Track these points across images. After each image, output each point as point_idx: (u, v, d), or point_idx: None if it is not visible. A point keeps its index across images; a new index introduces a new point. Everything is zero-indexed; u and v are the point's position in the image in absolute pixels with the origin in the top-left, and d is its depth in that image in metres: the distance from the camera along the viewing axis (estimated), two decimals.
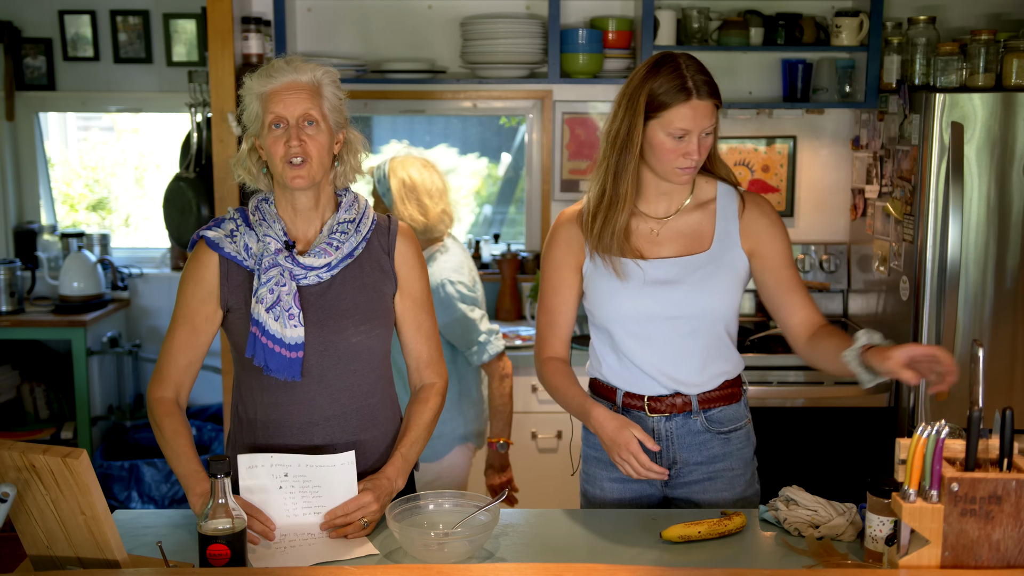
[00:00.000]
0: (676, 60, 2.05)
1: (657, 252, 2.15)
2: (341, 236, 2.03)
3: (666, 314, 2.13)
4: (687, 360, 2.15)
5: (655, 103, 2.04)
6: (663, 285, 2.12)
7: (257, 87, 1.98)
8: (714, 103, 2.04)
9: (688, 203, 2.17)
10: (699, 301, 2.12)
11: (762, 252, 2.17)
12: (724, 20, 3.79)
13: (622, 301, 2.14)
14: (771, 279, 2.17)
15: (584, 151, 4.05)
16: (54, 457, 1.62)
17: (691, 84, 2.02)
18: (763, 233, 2.17)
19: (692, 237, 2.16)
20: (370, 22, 3.99)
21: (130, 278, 4.45)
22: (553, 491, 3.62)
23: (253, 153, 2.05)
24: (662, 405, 2.17)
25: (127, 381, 4.42)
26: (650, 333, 2.14)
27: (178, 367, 2.05)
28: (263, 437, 2.06)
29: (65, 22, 4.34)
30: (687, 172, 2.08)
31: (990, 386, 3.27)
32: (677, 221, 2.17)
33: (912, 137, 3.33)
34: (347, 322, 2.03)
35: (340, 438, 2.05)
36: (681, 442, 2.19)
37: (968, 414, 1.67)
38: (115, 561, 1.69)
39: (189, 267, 2.05)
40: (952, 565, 1.65)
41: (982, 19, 3.91)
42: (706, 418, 2.19)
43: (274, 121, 1.96)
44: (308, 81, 1.97)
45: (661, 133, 2.05)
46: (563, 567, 1.72)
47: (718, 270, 2.14)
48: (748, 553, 1.89)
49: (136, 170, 4.82)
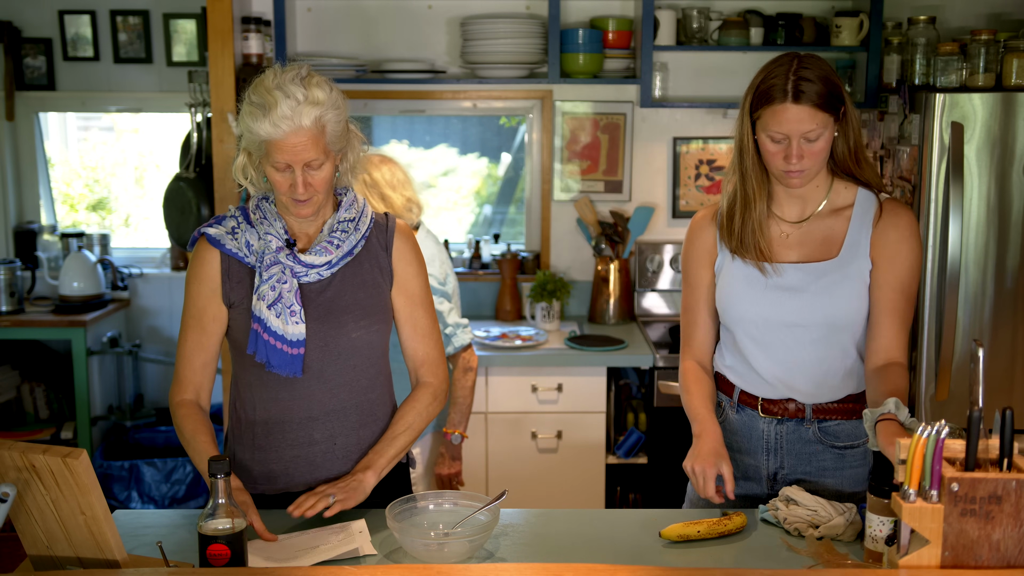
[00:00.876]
0: (792, 61, 1.99)
1: (785, 256, 2.11)
2: (341, 235, 2.05)
3: (786, 321, 2.09)
4: (804, 369, 2.11)
5: (757, 102, 2.01)
6: (785, 291, 2.08)
7: (258, 129, 1.90)
8: (815, 108, 1.95)
9: (823, 207, 2.11)
10: (821, 310, 2.07)
11: (881, 265, 2.06)
12: (724, 20, 3.80)
13: (744, 304, 2.12)
14: (876, 294, 2.07)
15: (584, 151, 4.05)
16: (54, 457, 1.62)
17: (789, 86, 1.96)
18: (889, 248, 2.06)
19: (822, 243, 2.10)
20: (370, 22, 3.99)
21: (130, 278, 4.45)
22: (553, 491, 3.62)
23: (251, 163, 2.02)
24: (775, 408, 2.15)
25: (127, 381, 4.42)
26: (769, 339, 2.11)
27: (194, 369, 2.06)
28: (262, 434, 2.07)
29: (65, 22, 4.34)
30: (794, 176, 2.02)
31: (990, 386, 3.27)
32: (810, 225, 2.11)
33: (912, 137, 3.33)
34: (347, 318, 2.04)
35: (339, 432, 2.07)
36: (790, 448, 2.15)
37: (968, 414, 1.67)
38: (115, 561, 1.69)
39: (192, 265, 2.06)
40: (952, 565, 1.65)
41: (982, 19, 3.91)
42: (820, 429, 2.14)
43: (282, 164, 1.93)
44: (311, 126, 1.90)
45: (763, 134, 2.02)
46: (563, 567, 1.72)
47: (844, 279, 2.07)
48: (748, 553, 1.89)
49: (136, 170, 4.82)
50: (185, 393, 2.06)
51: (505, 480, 3.61)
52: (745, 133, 2.06)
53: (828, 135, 2.00)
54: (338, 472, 2.08)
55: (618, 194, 4.08)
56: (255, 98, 1.92)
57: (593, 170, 4.07)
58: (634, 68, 3.89)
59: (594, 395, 3.60)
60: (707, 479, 1.99)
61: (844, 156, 2.07)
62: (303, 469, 2.07)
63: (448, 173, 4.57)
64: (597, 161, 4.06)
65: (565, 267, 4.15)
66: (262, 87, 1.92)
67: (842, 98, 2.00)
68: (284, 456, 2.07)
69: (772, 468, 2.17)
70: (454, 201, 4.61)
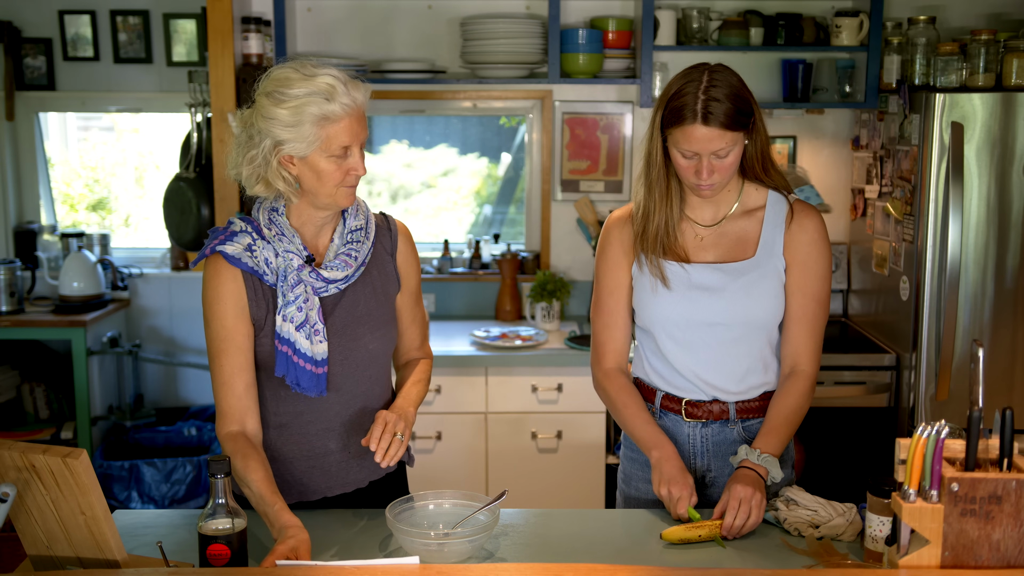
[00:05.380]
0: (702, 76, 1.99)
1: (702, 257, 2.13)
2: (356, 245, 2.02)
3: (707, 320, 2.10)
4: (727, 368, 2.13)
5: (667, 119, 2.02)
6: (705, 291, 2.10)
7: (314, 109, 1.85)
8: (724, 129, 1.96)
9: (735, 209, 2.14)
10: (741, 310, 2.09)
11: (794, 270, 2.11)
12: (724, 20, 3.79)
13: (664, 304, 2.12)
14: (790, 300, 2.11)
15: (584, 151, 4.05)
16: (54, 457, 1.62)
17: (699, 107, 1.96)
18: (802, 252, 2.11)
19: (737, 243, 2.12)
20: (370, 22, 3.99)
21: (130, 278, 4.45)
22: (553, 491, 3.62)
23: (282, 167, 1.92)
24: (699, 411, 2.15)
25: (127, 381, 4.42)
26: (691, 338, 2.12)
27: (237, 395, 1.95)
28: (277, 445, 2.05)
29: (65, 22, 4.34)
30: (705, 189, 2.04)
31: (990, 386, 3.27)
32: (724, 227, 2.14)
33: (912, 137, 3.33)
34: (362, 330, 2.03)
35: (354, 440, 2.07)
36: (716, 450, 2.17)
37: (968, 414, 1.67)
38: (115, 561, 1.70)
39: (212, 286, 1.95)
40: (952, 565, 1.65)
41: (982, 19, 3.91)
42: (743, 428, 2.16)
43: (341, 149, 1.89)
44: (362, 104, 1.91)
45: (673, 149, 2.03)
46: (563, 567, 1.72)
47: (762, 278, 2.10)
48: (748, 553, 1.89)
49: (136, 170, 4.81)
50: (231, 425, 1.94)
51: (505, 480, 3.61)
52: (655, 147, 2.07)
53: (738, 149, 2.03)
54: (352, 480, 2.09)
55: (618, 194, 4.08)
56: (298, 89, 1.85)
57: (593, 170, 4.07)
58: (634, 68, 3.89)
59: (594, 395, 3.57)
60: (681, 500, 1.99)
61: (752, 163, 2.11)
62: (318, 479, 2.07)
63: (448, 173, 4.57)
64: (597, 161, 4.06)
65: (565, 267, 4.15)
66: (297, 78, 1.86)
67: (752, 111, 2.03)
68: (299, 467, 2.06)
69: (700, 471, 2.18)
70: (454, 201, 4.61)
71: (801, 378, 2.11)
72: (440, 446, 3.64)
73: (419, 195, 4.59)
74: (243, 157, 1.93)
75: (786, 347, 2.14)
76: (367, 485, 2.12)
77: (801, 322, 2.12)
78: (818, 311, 2.12)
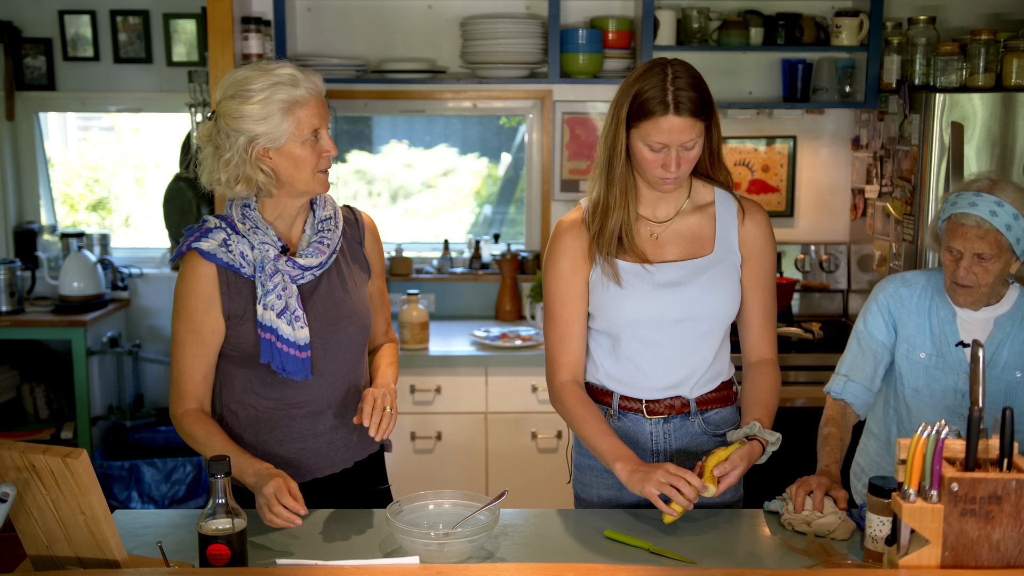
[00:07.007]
0: (664, 70, 2.00)
1: (661, 255, 2.14)
2: (328, 233, 2.10)
3: (675, 317, 2.11)
4: (693, 362, 2.15)
5: (635, 113, 2.01)
6: (672, 288, 2.11)
7: (282, 95, 1.95)
8: (694, 119, 1.99)
9: (686, 205, 2.16)
10: (708, 304, 2.12)
11: (751, 265, 2.17)
12: (724, 20, 3.80)
13: (632, 305, 2.11)
14: (749, 295, 2.18)
15: (584, 151, 4.05)
16: (54, 457, 1.62)
17: (670, 98, 1.97)
18: (756, 247, 2.17)
19: (693, 240, 2.15)
20: (370, 22, 3.99)
21: (130, 278, 4.45)
22: (553, 491, 3.62)
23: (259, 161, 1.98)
24: (660, 407, 2.16)
25: (127, 381, 4.42)
26: (659, 337, 2.13)
27: (195, 381, 2.07)
28: (266, 430, 2.11)
29: (65, 22, 4.34)
30: (668, 183, 2.06)
31: None
32: (677, 224, 2.15)
33: (912, 137, 3.33)
34: (340, 313, 2.11)
35: (342, 422, 2.15)
36: (680, 444, 2.19)
37: (968, 414, 1.67)
38: (115, 561, 1.70)
39: (186, 281, 2.05)
40: (952, 565, 1.65)
41: (982, 19, 3.91)
42: (704, 420, 2.19)
43: (312, 132, 1.99)
44: (321, 90, 2.03)
45: (640, 143, 2.03)
46: (563, 567, 1.72)
47: (723, 273, 2.14)
48: (748, 553, 1.90)
49: (136, 170, 4.82)
50: (188, 404, 2.07)
51: (505, 480, 3.61)
52: (619, 142, 2.06)
53: (702, 141, 2.06)
54: (340, 460, 2.16)
55: None
56: (261, 83, 1.95)
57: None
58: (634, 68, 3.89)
59: None
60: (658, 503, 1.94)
61: (705, 157, 2.12)
62: (309, 460, 2.14)
63: (448, 173, 4.57)
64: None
65: None
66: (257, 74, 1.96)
67: (712, 101, 2.05)
68: (290, 450, 2.12)
69: None
70: (454, 201, 4.61)
71: (771, 365, 2.20)
72: (440, 446, 3.64)
73: (419, 195, 4.58)
74: (218, 163, 2.00)
75: (750, 338, 2.20)
76: (352, 465, 2.20)
77: (762, 314, 2.19)
78: (774, 301, 2.22)
